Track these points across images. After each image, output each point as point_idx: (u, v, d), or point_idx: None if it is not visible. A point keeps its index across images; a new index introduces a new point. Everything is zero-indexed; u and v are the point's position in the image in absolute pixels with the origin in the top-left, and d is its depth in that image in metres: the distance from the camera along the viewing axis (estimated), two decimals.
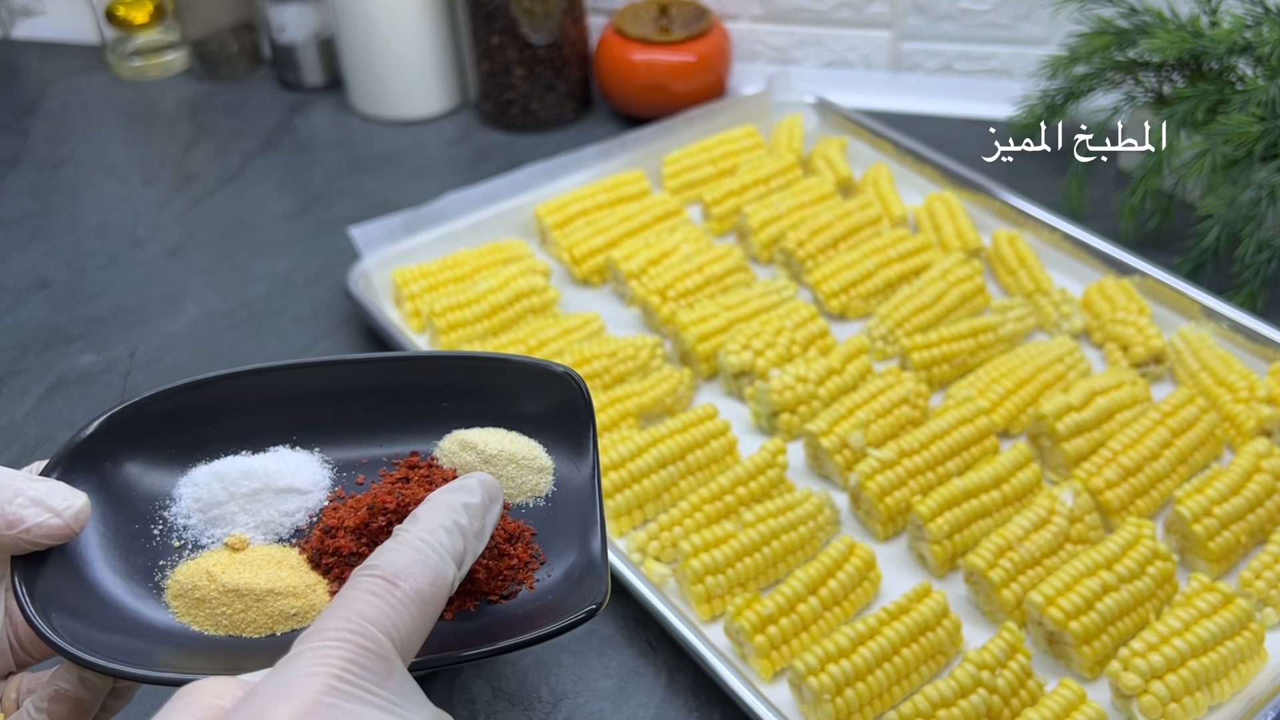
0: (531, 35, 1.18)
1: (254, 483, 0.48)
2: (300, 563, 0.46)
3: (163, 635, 0.44)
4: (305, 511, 0.48)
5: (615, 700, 0.68)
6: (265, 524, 0.48)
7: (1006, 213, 1.01)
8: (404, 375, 0.51)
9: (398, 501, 0.45)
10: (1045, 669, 0.67)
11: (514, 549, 0.46)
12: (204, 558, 0.46)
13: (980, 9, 1.21)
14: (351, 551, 0.45)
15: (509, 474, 0.48)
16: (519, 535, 0.47)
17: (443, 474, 0.48)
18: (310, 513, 0.48)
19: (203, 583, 0.45)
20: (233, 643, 0.44)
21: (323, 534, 0.46)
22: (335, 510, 0.47)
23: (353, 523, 0.45)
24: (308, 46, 1.31)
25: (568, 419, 0.49)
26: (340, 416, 0.50)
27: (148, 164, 1.23)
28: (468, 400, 0.50)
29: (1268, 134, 0.89)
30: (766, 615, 0.67)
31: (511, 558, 0.46)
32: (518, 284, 0.93)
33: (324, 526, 0.46)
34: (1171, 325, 0.89)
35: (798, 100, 1.17)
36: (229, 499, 0.47)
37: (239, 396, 0.49)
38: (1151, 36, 0.98)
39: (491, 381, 0.50)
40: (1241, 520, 0.72)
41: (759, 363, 0.85)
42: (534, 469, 0.49)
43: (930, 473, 0.76)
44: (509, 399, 0.50)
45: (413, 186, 1.16)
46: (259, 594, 0.44)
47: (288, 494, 0.48)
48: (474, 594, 0.45)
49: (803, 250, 0.97)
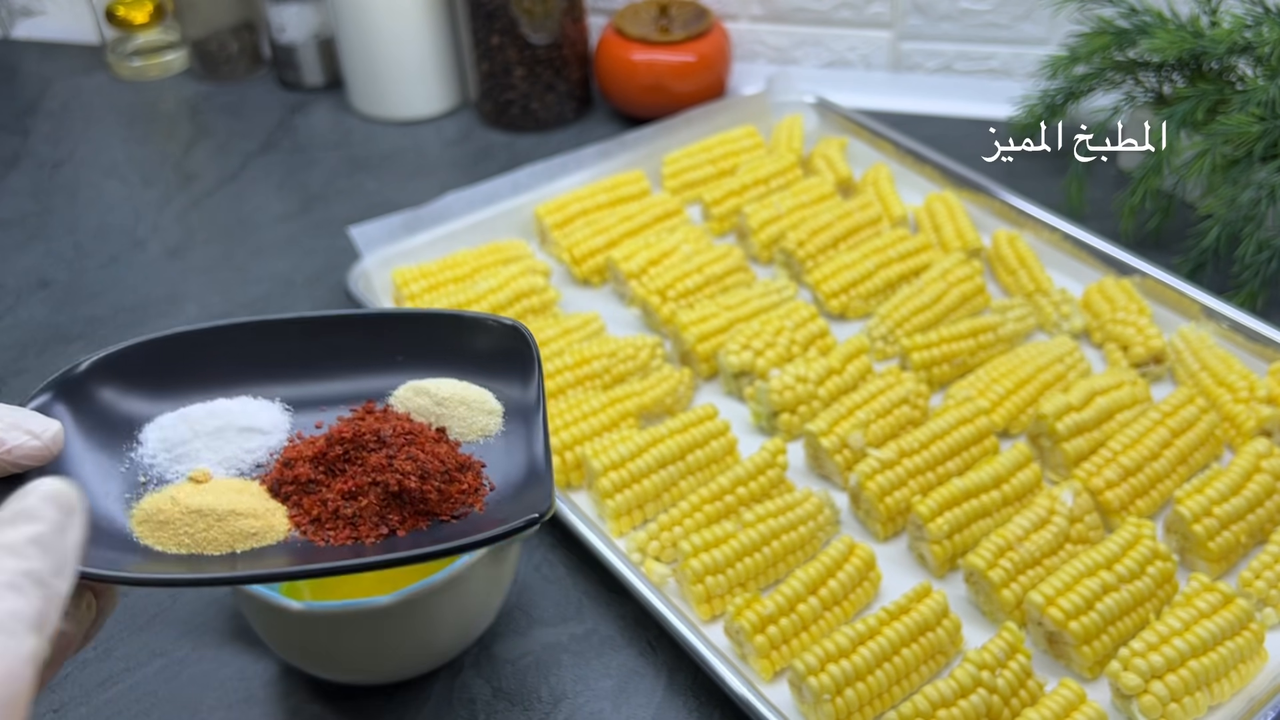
0: (531, 35, 1.18)
1: (218, 421, 0.51)
2: (260, 492, 0.49)
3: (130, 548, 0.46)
4: (266, 450, 0.51)
5: (615, 700, 0.68)
6: (227, 459, 0.50)
7: (1006, 213, 1.01)
8: (362, 331, 0.54)
9: (354, 431, 0.49)
10: (1045, 669, 0.67)
11: (464, 477, 0.50)
12: (169, 490, 0.49)
13: (980, 9, 1.21)
14: (310, 479, 0.49)
15: (460, 415, 0.52)
16: (469, 465, 0.51)
17: (397, 416, 0.51)
18: (270, 451, 0.51)
19: (167, 506, 0.47)
20: (195, 558, 0.46)
21: (282, 465, 0.50)
22: (294, 446, 0.50)
23: (310, 452, 0.49)
24: (308, 46, 1.31)
25: (517, 367, 0.53)
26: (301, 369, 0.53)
27: (148, 164, 1.24)
28: (421, 353, 0.54)
29: (1268, 134, 0.90)
30: (766, 615, 0.67)
31: (462, 483, 0.50)
32: (518, 284, 0.93)
33: (283, 460, 0.50)
34: (1171, 325, 0.90)
35: (798, 100, 1.17)
36: (193, 437, 0.50)
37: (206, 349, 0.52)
38: (1151, 36, 0.98)
39: (443, 335, 0.54)
40: (1241, 520, 0.72)
41: (759, 363, 0.85)
42: (484, 411, 0.53)
43: (930, 473, 0.76)
44: (460, 351, 0.54)
45: (413, 186, 1.16)
46: (220, 514, 0.47)
47: (249, 433, 0.51)
48: (426, 514, 0.49)
49: (803, 250, 0.97)
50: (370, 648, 0.63)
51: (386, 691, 0.68)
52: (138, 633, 0.73)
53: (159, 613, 0.74)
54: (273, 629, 0.64)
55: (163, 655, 0.71)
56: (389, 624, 0.61)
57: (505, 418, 0.53)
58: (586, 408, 0.82)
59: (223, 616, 0.73)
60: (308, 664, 0.66)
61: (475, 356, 0.54)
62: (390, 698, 0.68)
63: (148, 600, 0.74)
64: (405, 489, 0.48)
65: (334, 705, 0.68)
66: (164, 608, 0.74)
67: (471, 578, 0.63)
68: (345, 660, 0.65)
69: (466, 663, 0.70)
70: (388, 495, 0.48)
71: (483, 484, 0.51)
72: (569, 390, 0.85)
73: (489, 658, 0.70)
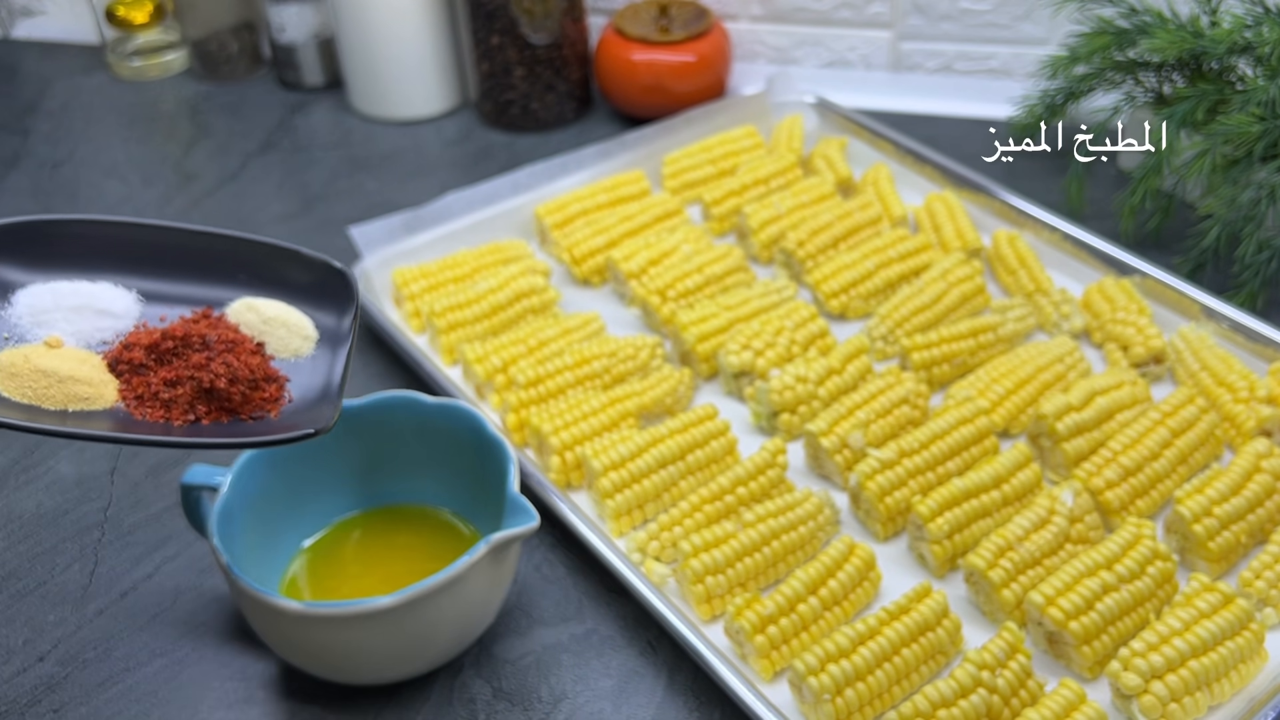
0: (531, 35, 1.18)
1: (79, 299, 0.59)
2: (100, 365, 0.58)
3: None
4: (114, 331, 0.60)
5: (615, 700, 0.68)
6: (79, 333, 0.59)
7: (1006, 213, 1.01)
8: (216, 245, 0.63)
9: (185, 331, 0.58)
10: (1045, 669, 0.67)
11: (269, 387, 0.59)
12: (25, 348, 0.57)
13: (980, 9, 1.21)
14: (141, 363, 0.58)
15: (280, 335, 0.61)
16: (275, 379, 0.60)
17: (227, 325, 0.61)
18: (118, 333, 0.60)
19: (19, 362, 0.56)
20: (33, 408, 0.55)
21: (122, 347, 0.58)
22: (136, 334, 0.59)
23: (147, 341, 0.58)
24: (308, 46, 1.31)
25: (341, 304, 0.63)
26: (160, 268, 0.62)
27: (148, 164, 1.24)
28: (261, 275, 0.63)
29: (1268, 134, 0.90)
30: (766, 615, 0.67)
31: (265, 392, 0.59)
32: (518, 284, 0.93)
33: (125, 342, 0.59)
34: (1171, 325, 0.90)
35: (798, 100, 1.17)
36: (55, 308, 0.59)
37: (83, 236, 0.61)
38: (1151, 36, 0.98)
39: (281, 264, 0.63)
40: (1241, 520, 0.72)
41: (759, 363, 0.85)
42: (300, 335, 0.62)
43: (930, 473, 0.76)
44: (294, 280, 0.63)
45: (413, 186, 1.16)
46: (61, 377, 0.56)
47: (104, 314, 0.60)
48: (230, 411, 0.58)
49: (803, 250, 0.97)
50: (370, 648, 0.63)
51: (386, 691, 0.68)
52: (138, 633, 0.73)
53: (159, 613, 0.74)
54: (273, 629, 0.64)
55: (163, 655, 0.71)
56: (389, 624, 0.61)
57: (318, 344, 0.62)
58: (586, 408, 0.82)
59: (223, 616, 0.73)
60: (308, 664, 0.66)
61: (306, 287, 0.63)
62: (390, 698, 0.68)
63: (148, 600, 0.75)
64: (215, 387, 0.57)
65: (334, 705, 0.68)
66: (164, 608, 0.74)
67: (471, 578, 0.63)
68: (345, 660, 0.65)
69: (466, 663, 0.70)
70: (200, 389, 0.57)
71: (283, 396, 0.60)
72: (569, 390, 0.85)
73: (489, 658, 0.70)
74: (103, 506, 0.82)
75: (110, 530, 0.80)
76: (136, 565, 0.77)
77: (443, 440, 0.73)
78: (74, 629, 0.73)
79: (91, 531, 0.80)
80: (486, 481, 0.69)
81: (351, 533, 0.75)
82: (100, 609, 0.74)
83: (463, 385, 0.89)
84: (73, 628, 0.73)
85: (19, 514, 0.82)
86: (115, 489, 0.83)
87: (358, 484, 0.74)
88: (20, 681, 0.70)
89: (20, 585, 0.76)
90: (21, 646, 0.72)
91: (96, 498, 0.82)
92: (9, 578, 0.77)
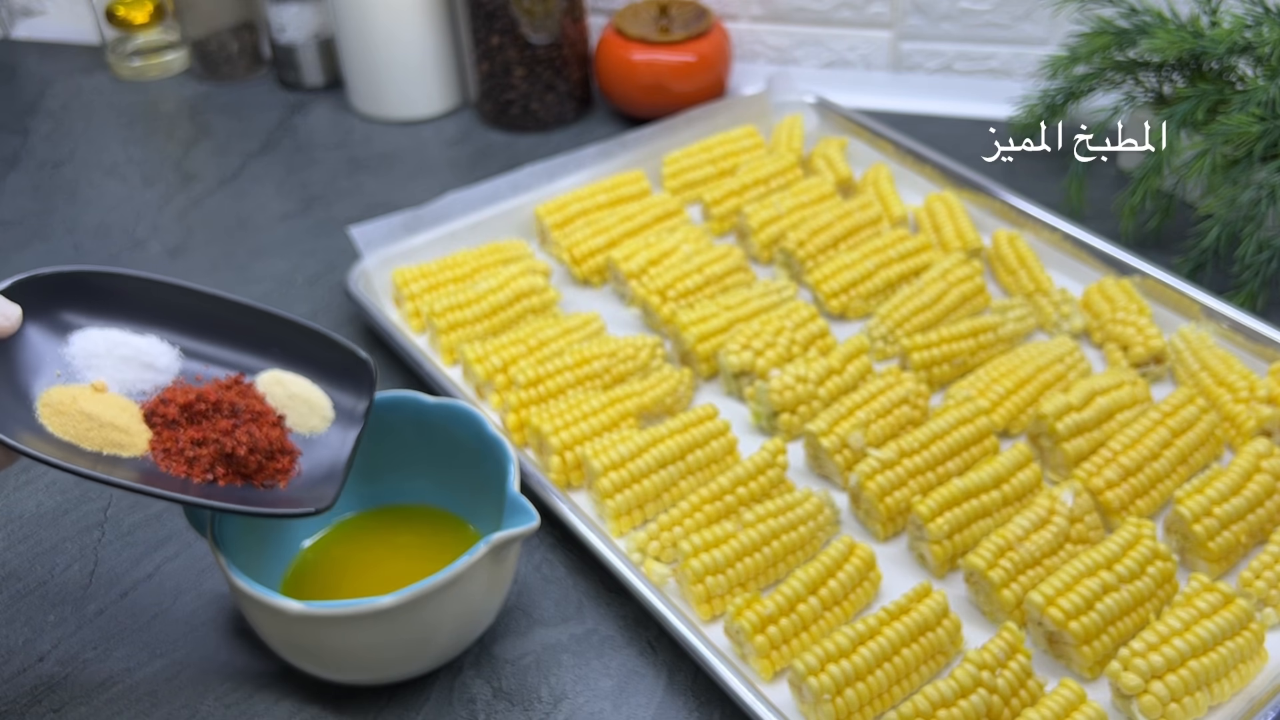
0: (531, 35, 1.18)
1: (128, 350, 0.64)
2: (137, 414, 0.63)
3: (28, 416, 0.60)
4: (154, 384, 0.65)
5: (615, 700, 0.68)
6: (123, 381, 0.64)
7: (1006, 213, 1.01)
8: (256, 319, 0.68)
9: (216, 397, 0.64)
10: (1045, 669, 0.67)
11: (282, 459, 0.64)
12: (74, 388, 0.62)
13: (980, 9, 1.21)
14: (174, 419, 0.63)
15: (300, 411, 0.66)
16: (289, 451, 0.65)
17: (255, 395, 0.66)
18: (157, 386, 0.65)
19: (67, 402, 0.61)
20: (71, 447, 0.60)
21: (159, 401, 0.64)
22: (173, 390, 0.64)
23: (182, 400, 0.63)
24: (308, 46, 1.31)
25: (361, 388, 0.68)
26: (202, 331, 0.67)
27: (148, 164, 1.24)
28: (292, 350, 0.68)
29: (1268, 134, 0.90)
30: (766, 615, 0.67)
31: (279, 464, 0.64)
32: (518, 284, 0.93)
33: (162, 397, 0.64)
34: (1171, 325, 0.90)
35: (798, 100, 1.17)
36: (106, 354, 0.64)
37: (140, 290, 0.66)
38: (1151, 36, 0.98)
39: (314, 345, 0.68)
40: (1241, 520, 0.72)
41: (759, 363, 0.85)
42: (319, 414, 0.67)
43: (930, 473, 0.76)
44: (320, 359, 0.68)
45: (413, 186, 1.16)
46: (102, 423, 0.61)
47: (148, 368, 0.65)
48: (244, 476, 0.63)
49: (803, 250, 0.97)
50: (370, 648, 0.63)
51: (387, 691, 0.68)
52: (138, 633, 0.73)
53: (159, 613, 0.74)
54: (273, 629, 0.64)
55: (163, 655, 0.71)
56: (389, 624, 0.61)
57: (334, 424, 0.67)
58: (586, 408, 0.82)
59: (223, 616, 0.73)
60: (308, 664, 0.66)
61: (331, 367, 0.68)
62: (390, 698, 0.68)
63: (148, 600, 0.75)
64: (236, 454, 0.62)
65: (334, 705, 0.68)
66: (164, 608, 0.74)
67: (471, 578, 0.63)
68: (345, 660, 0.65)
69: (466, 663, 0.70)
70: (222, 453, 0.62)
71: (294, 468, 0.65)
72: (569, 390, 0.85)
73: (489, 658, 0.70)
74: (103, 506, 0.82)
75: (110, 530, 0.80)
76: (136, 565, 0.77)
77: (443, 440, 0.73)
78: (74, 629, 0.73)
79: (91, 531, 0.80)
80: (486, 481, 0.69)
81: (351, 533, 0.75)
82: (100, 609, 0.74)
83: (463, 385, 0.89)
84: (72, 628, 0.73)
85: (19, 514, 0.82)
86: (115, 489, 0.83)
87: (358, 484, 0.74)
88: (20, 681, 0.70)
89: (20, 585, 0.76)
90: (21, 646, 0.72)
91: (96, 498, 0.82)
92: (9, 578, 0.77)
